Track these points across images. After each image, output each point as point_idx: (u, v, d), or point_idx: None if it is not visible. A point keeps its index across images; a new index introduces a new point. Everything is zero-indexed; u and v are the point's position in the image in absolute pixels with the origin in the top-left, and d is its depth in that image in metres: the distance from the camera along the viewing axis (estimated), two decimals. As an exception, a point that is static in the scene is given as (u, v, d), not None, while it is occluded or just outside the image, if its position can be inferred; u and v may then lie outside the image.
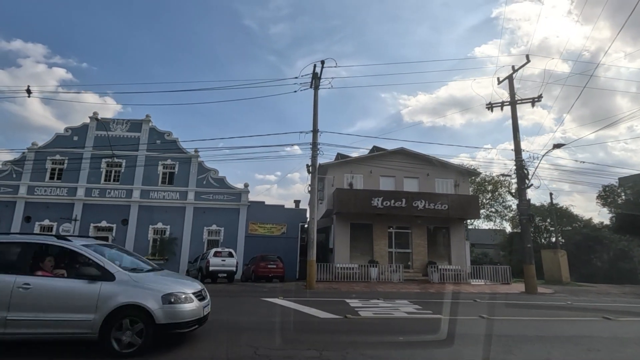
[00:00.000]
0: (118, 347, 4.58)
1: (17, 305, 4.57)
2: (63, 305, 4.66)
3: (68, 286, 4.78)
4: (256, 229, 23.17)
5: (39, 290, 4.67)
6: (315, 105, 16.35)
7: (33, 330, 4.60)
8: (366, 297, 11.18)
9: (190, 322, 4.99)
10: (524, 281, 15.59)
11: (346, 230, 20.83)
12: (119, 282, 4.83)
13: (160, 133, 23.82)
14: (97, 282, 4.77)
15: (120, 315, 4.67)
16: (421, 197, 20.05)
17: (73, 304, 4.69)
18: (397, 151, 21.94)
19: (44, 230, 21.89)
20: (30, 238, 5.26)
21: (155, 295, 4.83)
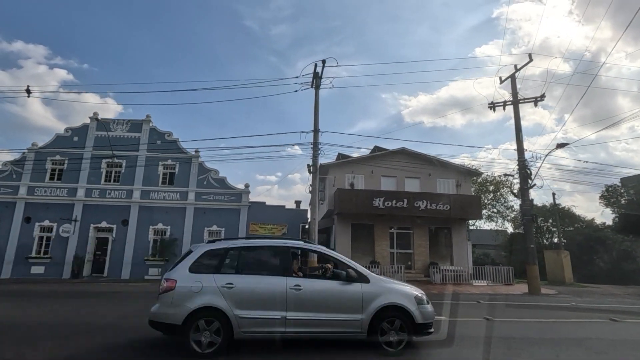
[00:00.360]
0: (388, 347, 4.92)
1: (292, 305, 4.87)
2: (332, 306, 4.99)
3: (333, 287, 5.09)
4: (257, 230, 23.05)
5: (309, 291, 4.98)
6: (316, 104, 16.25)
7: (309, 329, 4.91)
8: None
9: (432, 322, 5.28)
10: (527, 282, 15.45)
11: (347, 230, 20.71)
12: (373, 283, 5.15)
13: (161, 133, 23.73)
14: (356, 284, 5.08)
15: (383, 315, 4.97)
16: (423, 197, 19.92)
17: (342, 304, 5.01)
18: (398, 151, 21.82)
19: (44, 230, 21.81)
20: (288, 243, 5.61)
21: (409, 296, 5.17)
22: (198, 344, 4.61)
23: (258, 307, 4.80)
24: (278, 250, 5.30)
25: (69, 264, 21.15)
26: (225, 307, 4.70)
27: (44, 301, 10.18)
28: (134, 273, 21.42)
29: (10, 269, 20.94)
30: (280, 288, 4.90)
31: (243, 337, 4.70)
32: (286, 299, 4.85)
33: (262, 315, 4.78)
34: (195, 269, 4.96)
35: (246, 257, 5.30)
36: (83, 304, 9.64)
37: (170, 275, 4.99)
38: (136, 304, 9.64)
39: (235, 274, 5.02)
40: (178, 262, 5.26)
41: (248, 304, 4.79)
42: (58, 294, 12.38)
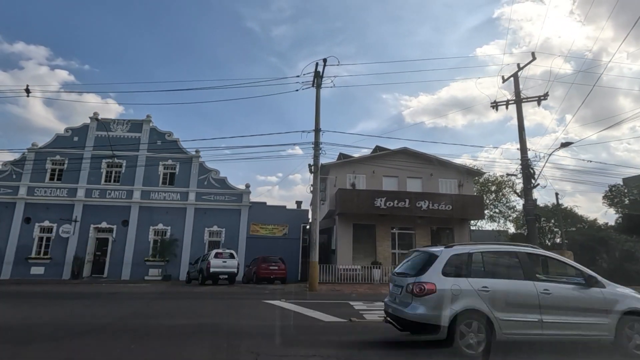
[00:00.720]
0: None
1: (545, 308, 5.08)
2: (580, 309, 5.18)
3: (577, 292, 5.31)
4: (258, 230, 22.93)
5: (557, 295, 5.19)
6: (317, 104, 16.14)
7: (561, 331, 5.11)
8: (370, 300, 10.91)
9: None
10: (531, 283, 15.26)
11: (349, 231, 20.56)
12: (609, 289, 5.39)
13: (161, 133, 23.64)
14: (596, 289, 5.29)
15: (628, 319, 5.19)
16: (425, 197, 19.77)
17: (588, 308, 5.19)
18: (400, 151, 21.67)
19: (44, 231, 21.73)
20: (527, 248, 5.79)
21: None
22: (468, 346, 4.86)
23: (514, 310, 5.06)
24: (520, 255, 5.51)
25: (69, 265, 21.06)
26: (486, 309, 4.97)
27: (41, 302, 10.07)
28: (134, 274, 21.32)
29: (10, 269, 20.86)
30: (531, 292, 5.14)
31: (504, 339, 4.94)
32: (539, 302, 5.09)
33: (521, 317, 5.03)
34: (446, 272, 5.19)
35: (490, 261, 5.55)
36: (80, 304, 9.52)
37: (426, 278, 5.14)
38: (136, 304, 9.53)
39: (485, 278, 5.22)
40: (423, 266, 5.40)
41: (505, 306, 5.05)
42: (56, 294, 12.27)
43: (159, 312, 8.20)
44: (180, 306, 9.15)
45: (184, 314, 7.62)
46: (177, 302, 10.26)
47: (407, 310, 5.11)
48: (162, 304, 9.99)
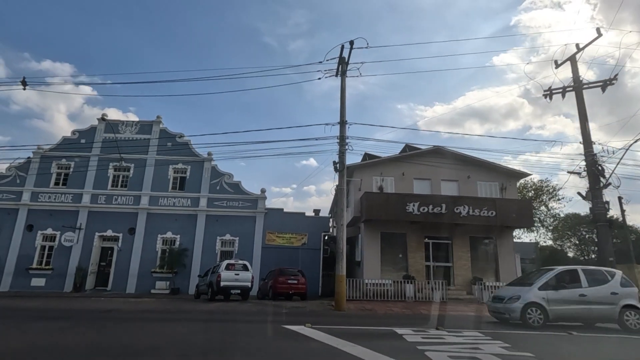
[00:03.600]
0: None
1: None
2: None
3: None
4: (274, 239, 20.85)
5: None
6: (342, 93, 14.13)
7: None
8: (416, 324, 8.57)
9: None
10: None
11: (376, 240, 18.26)
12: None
13: (172, 135, 22.09)
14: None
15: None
16: (464, 202, 17.33)
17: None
18: (432, 150, 19.35)
19: (46, 239, 20.26)
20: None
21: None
22: None
23: None
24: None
25: (71, 276, 19.42)
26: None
27: (8, 324, 8.20)
28: (140, 286, 19.49)
29: (10, 281, 19.38)
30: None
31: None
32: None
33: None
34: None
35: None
36: (54, 328, 7.56)
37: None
38: (121, 328, 7.50)
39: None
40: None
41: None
42: (39, 312, 10.43)
43: (142, 343, 6.13)
44: (176, 334, 7.05)
45: (175, 350, 5.51)
46: (174, 327, 8.18)
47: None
48: (155, 329, 7.92)
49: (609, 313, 8.81)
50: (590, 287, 9.02)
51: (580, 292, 8.92)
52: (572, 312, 8.91)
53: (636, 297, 8.95)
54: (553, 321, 8.83)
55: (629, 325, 8.63)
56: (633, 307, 8.77)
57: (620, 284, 9.16)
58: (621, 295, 8.90)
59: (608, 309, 8.80)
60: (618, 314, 8.70)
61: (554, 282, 9.21)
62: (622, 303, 8.76)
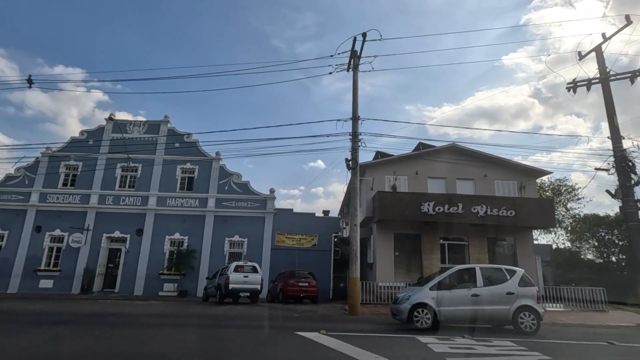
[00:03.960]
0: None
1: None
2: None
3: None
4: (283, 240, 20.33)
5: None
6: (354, 88, 13.57)
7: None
8: (442, 332, 7.93)
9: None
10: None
11: (389, 241, 17.58)
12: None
13: (179, 135, 21.77)
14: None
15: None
16: (481, 201, 16.57)
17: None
18: (447, 148, 18.64)
19: (54, 241, 20.06)
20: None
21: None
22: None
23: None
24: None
25: (78, 278, 19.17)
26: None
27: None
28: (148, 288, 19.14)
29: (18, 282, 19.21)
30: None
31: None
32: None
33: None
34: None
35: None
36: (48, 334, 7.13)
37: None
38: (118, 334, 7.02)
39: None
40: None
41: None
42: (37, 315, 10.05)
43: (144, 351, 5.63)
44: (181, 341, 6.55)
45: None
46: (179, 333, 7.69)
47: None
48: (159, 335, 7.43)
49: (503, 314, 8.21)
50: (486, 287, 8.42)
51: (474, 292, 8.32)
52: (463, 313, 8.31)
53: (534, 297, 8.36)
54: (444, 323, 8.30)
55: (523, 327, 8.01)
56: (529, 307, 8.17)
57: (518, 283, 8.52)
58: (517, 295, 8.30)
59: (502, 309, 8.22)
60: (512, 315, 8.12)
61: (448, 281, 8.73)
62: (518, 304, 8.17)
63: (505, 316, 8.24)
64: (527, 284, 8.61)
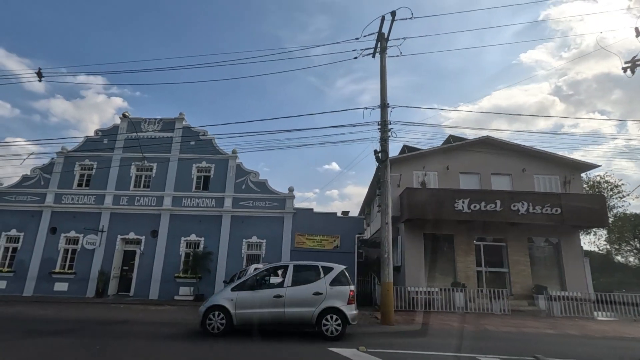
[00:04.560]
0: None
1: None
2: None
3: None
4: (304, 242, 19.18)
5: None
6: (382, 73, 12.35)
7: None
8: (503, 350, 6.58)
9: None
10: None
11: (418, 243, 16.24)
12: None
13: (195, 132, 20.98)
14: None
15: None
16: (522, 197, 15.03)
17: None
18: (481, 141, 17.17)
19: (69, 242, 19.53)
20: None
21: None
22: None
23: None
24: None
25: (93, 281, 18.52)
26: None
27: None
28: (163, 292, 18.32)
29: (34, 285, 18.70)
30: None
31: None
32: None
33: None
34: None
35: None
36: (42, 346, 6.16)
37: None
38: (117, 346, 5.99)
39: None
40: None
41: None
42: (42, 324, 9.18)
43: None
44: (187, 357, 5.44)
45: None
46: (193, 348, 6.61)
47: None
48: (169, 351, 6.36)
49: (306, 317, 7.41)
50: (293, 287, 7.63)
51: (277, 292, 7.54)
52: (262, 316, 7.51)
53: (345, 298, 7.55)
54: (240, 326, 7.54)
55: (325, 331, 7.30)
56: (335, 309, 7.40)
57: (330, 282, 7.69)
58: (325, 295, 7.51)
59: (305, 312, 7.39)
60: (316, 318, 7.35)
61: (255, 281, 7.90)
62: (324, 305, 7.39)
63: (308, 319, 7.40)
64: (340, 283, 7.73)
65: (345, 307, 7.44)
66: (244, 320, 7.48)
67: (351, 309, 7.51)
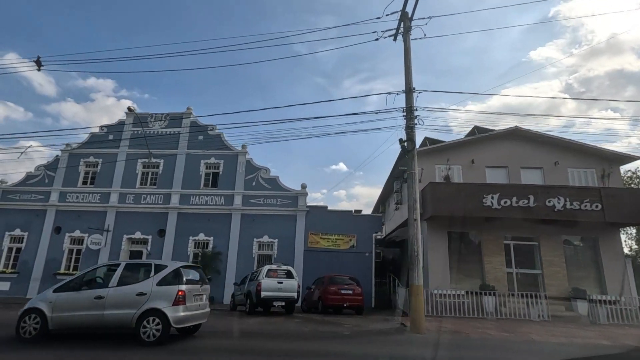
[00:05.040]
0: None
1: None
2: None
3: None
4: (317, 241, 18.15)
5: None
6: (406, 56, 11.25)
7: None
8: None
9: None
10: None
11: (442, 241, 15.04)
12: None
13: (203, 127, 20.12)
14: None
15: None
16: (559, 192, 13.75)
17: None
18: (509, 132, 15.94)
19: (74, 242, 18.81)
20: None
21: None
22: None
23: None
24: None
25: (98, 283, 17.70)
26: None
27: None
28: (171, 295, 17.42)
29: (37, 287, 18.00)
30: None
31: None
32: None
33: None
34: None
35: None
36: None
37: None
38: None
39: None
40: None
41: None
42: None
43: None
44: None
45: None
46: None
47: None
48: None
49: (126, 320, 6.64)
50: (117, 287, 6.89)
51: (99, 293, 6.81)
52: (82, 319, 6.80)
53: (171, 299, 6.66)
54: (57, 331, 6.93)
55: (143, 335, 6.46)
56: (157, 311, 6.56)
57: (158, 282, 6.87)
58: (150, 296, 6.69)
59: (126, 314, 6.63)
60: (136, 321, 6.53)
61: (80, 281, 7.24)
62: (146, 307, 6.60)
63: (128, 322, 6.60)
64: (169, 283, 6.86)
65: (169, 308, 6.57)
66: (62, 324, 6.84)
67: (177, 311, 6.59)
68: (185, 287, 6.82)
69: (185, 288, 6.82)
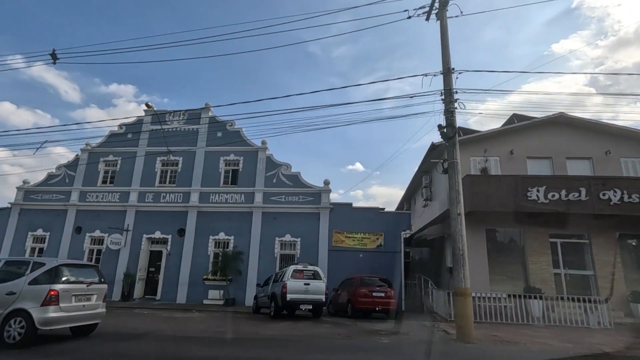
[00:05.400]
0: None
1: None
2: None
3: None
4: (342, 240, 17.20)
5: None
6: (443, 34, 10.17)
7: None
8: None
9: None
10: None
11: (480, 240, 13.79)
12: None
13: (221, 123, 19.51)
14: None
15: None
16: (615, 184, 12.31)
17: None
18: (552, 120, 14.53)
19: (94, 242, 18.54)
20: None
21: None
22: None
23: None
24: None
25: (119, 284, 17.36)
26: None
27: None
28: (192, 296, 16.89)
29: (59, 287, 17.77)
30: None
31: None
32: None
33: None
34: None
35: None
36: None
37: None
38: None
39: None
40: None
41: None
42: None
43: None
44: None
45: None
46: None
47: None
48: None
49: None
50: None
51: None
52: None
53: (40, 299, 6.22)
54: None
55: (7, 337, 6.06)
56: (22, 312, 6.15)
57: (30, 281, 6.46)
58: (19, 296, 6.30)
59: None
60: (1, 322, 6.17)
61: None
62: (13, 307, 6.20)
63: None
64: (39, 282, 6.43)
65: (36, 309, 6.15)
66: None
67: (45, 312, 6.16)
68: (60, 287, 6.42)
69: (60, 288, 6.42)
